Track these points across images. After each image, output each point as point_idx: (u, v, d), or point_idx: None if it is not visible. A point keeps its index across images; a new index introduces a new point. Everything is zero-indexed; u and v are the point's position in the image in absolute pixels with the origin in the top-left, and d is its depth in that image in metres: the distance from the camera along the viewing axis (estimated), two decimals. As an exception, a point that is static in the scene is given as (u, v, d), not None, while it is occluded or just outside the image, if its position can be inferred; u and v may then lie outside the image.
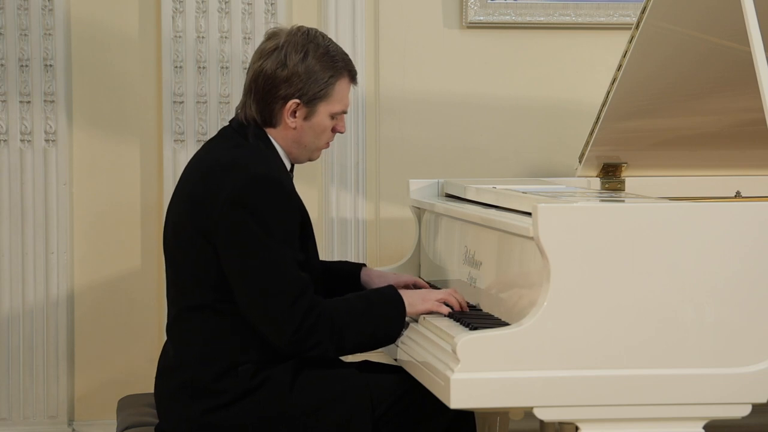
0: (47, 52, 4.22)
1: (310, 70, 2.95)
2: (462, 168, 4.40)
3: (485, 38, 4.44)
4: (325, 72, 2.97)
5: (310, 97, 2.96)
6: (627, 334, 2.61)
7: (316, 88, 2.96)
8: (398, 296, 2.93)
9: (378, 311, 2.90)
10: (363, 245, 4.37)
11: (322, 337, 2.81)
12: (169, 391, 2.95)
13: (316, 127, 3.00)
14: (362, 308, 2.88)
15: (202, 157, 3.02)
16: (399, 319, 2.92)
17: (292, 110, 2.97)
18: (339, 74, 2.99)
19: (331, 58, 2.99)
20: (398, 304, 2.92)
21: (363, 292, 3.02)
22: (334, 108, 3.00)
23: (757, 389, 2.64)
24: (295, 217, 2.89)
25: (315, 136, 3.01)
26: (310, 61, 2.95)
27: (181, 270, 2.94)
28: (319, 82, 2.96)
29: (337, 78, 2.99)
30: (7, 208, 4.25)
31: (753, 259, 2.65)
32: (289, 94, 2.95)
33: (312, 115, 2.98)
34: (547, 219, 2.61)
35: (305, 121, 2.98)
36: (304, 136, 3.00)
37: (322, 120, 2.99)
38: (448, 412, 2.74)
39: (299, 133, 2.99)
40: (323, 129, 3.01)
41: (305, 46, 2.96)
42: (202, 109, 4.27)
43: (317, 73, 2.96)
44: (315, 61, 2.96)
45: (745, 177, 3.84)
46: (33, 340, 4.25)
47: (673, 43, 3.41)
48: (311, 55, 2.96)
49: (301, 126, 2.99)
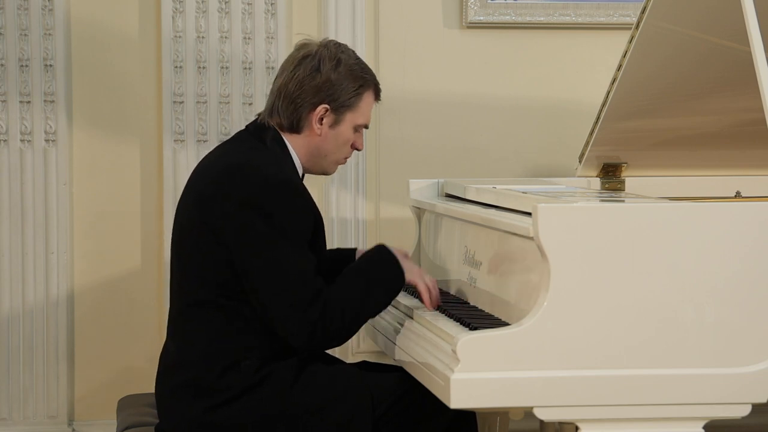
0: (47, 52, 4.22)
1: (342, 78, 3.01)
2: (462, 168, 4.40)
3: (485, 38, 4.43)
4: (355, 81, 3.03)
5: (339, 104, 3.01)
6: (627, 334, 2.61)
7: (346, 96, 3.02)
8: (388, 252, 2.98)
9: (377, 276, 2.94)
10: (363, 245, 4.36)
11: (338, 330, 2.85)
12: (170, 390, 2.95)
13: (339, 137, 3.05)
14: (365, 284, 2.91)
15: (215, 158, 3.04)
16: (399, 279, 2.96)
17: (320, 116, 3.01)
18: (367, 86, 3.06)
19: (362, 70, 3.06)
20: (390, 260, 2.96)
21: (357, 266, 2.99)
22: (358, 120, 3.06)
23: (757, 389, 2.64)
24: (308, 219, 2.91)
25: (336, 147, 3.06)
26: (342, 69, 3.01)
27: (187, 267, 2.95)
28: (349, 90, 3.02)
29: (365, 89, 3.05)
30: (7, 208, 4.24)
31: (753, 259, 2.65)
32: (320, 100, 3.00)
33: (338, 123, 3.03)
34: (547, 219, 2.61)
35: (330, 129, 3.03)
36: (326, 145, 3.04)
37: (346, 130, 3.05)
38: (448, 412, 2.74)
39: (323, 140, 3.03)
40: (345, 140, 3.06)
41: (337, 56, 3.02)
42: (202, 109, 4.27)
43: (348, 81, 3.02)
44: (347, 70, 3.02)
45: (745, 177, 3.84)
46: (33, 340, 4.25)
47: (673, 43, 3.41)
48: (343, 64, 3.02)
49: (326, 133, 3.03)
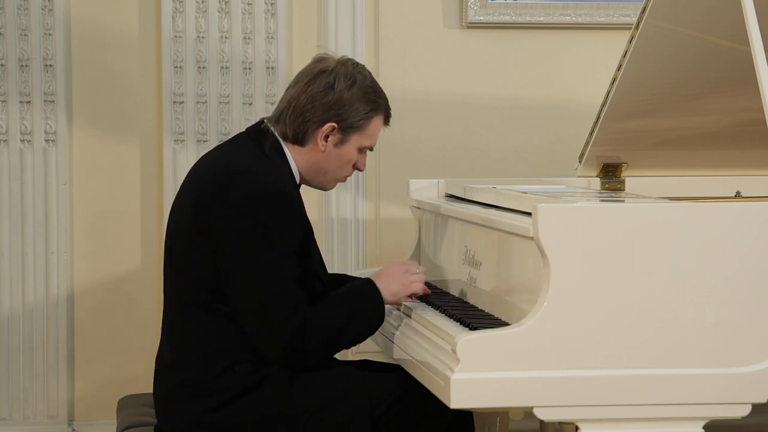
0: (47, 52, 4.22)
1: (354, 100, 2.99)
2: (462, 168, 4.40)
3: (485, 38, 4.43)
4: (367, 104, 3.01)
5: (348, 124, 3.00)
6: (627, 334, 2.61)
7: (355, 118, 3.00)
8: (375, 289, 2.95)
9: (359, 306, 2.92)
10: (363, 245, 4.37)
11: (312, 350, 2.84)
12: (168, 391, 2.95)
13: (343, 157, 3.03)
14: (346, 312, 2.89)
15: (213, 159, 3.03)
16: (381, 314, 2.95)
17: (326, 134, 2.99)
18: (378, 110, 3.04)
19: (375, 93, 3.03)
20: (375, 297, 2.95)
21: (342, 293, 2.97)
22: (364, 142, 3.04)
23: (757, 389, 2.64)
24: (299, 231, 2.90)
25: (338, 166, 3.04)
26: (356, 91, 2.99)
27: (182, 268, 2.94)
28: (359, 112, 3.00)
29: (376, 113, 3.03)
30: (7, 208, 4.24)
31: (753, 259, 2.65)
32: (328, 118, 2.98)
33: (344, 143, 3.01)
34: (547, 219, 2.61)
35: (335, 148, 3.01)
36: (328, 163, 3.03)
37: (350, 151, 3.03)
38: (448, 412, 2.74)
39: (326, 158, 3.02)
40: (348, 160, 3.04)
41: (353, 76, 3.00)
42: (202, 109, 4.27)
43: (360, 103, 3.00)
44: (360, 92, 3.00)
45: (745, 177, 3.84)
46: (33, 340, 4.25)
47: (673, 43, 3.41)
48: (358, 86, 3.00)
49: (329, 152, 3.01)
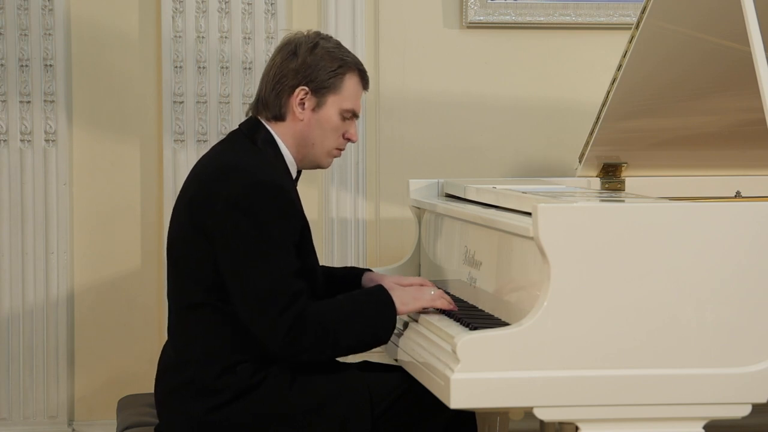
0: (47, 52, 4.22)
1: (319, 59, 2.98)
2: (462, 168, 4.40)
3: (485, 38, 4.43)
4: (333, 62, 2.99)
5: (317, 85, 2.98)
6: (627, 334, 2.61)
7: (324, 77, 2.97)
8: (388, 297, 2.91)
9: (368, 313, 2.88)
10: (363, 245, 4.37)
11: (312, 343, 2.81)
12: (169, 391, 2.95)
13: (324, 123, 3.00)
14: (351, 311, 2.86)
15: (208, 160, 3.03)
16: (389, 321, 2.89)
17: (300, 99, 2.98)
18: (348, 68, 3.01)
19: (342, 52, 3.02)
20: (388, 304, 2.90)
21: (353, 294, 2.99)
22: (343, 104, 3.00)
23: (757, 389, 2.64)
24: (294, 224, 2.89)
25: (322, 134, 3.01)
26: (319, 51, 2.99)
27: (182, 269, 2.95)
28: (326, 70, 2.98)
29: (345, 70, 3.00)
30: (7, 208, 4.24)
31: (753, 259, 2.65)
32: (297, 83, 2.97)
33: (321, 106, 2.99)
34: (547, 219, 2.61)
35: (313, 113, 2.99)
36: (312, 131, 3.00)
37: (330, 115, 3.00)
38: (448, 411, 2.74)
39: (307, 126, 2.99)
40: (332, 126, 3.01)
41: (315, 40, 3.00)
42: (202, 109, 4.27)
43: (325, 62, 2.98)
44: (324, 52, 2.99)
45: (745, 177, 3.84)
46: (33, 340, 4.25)
47: (673, 43, 3.41)
48: (320, 47, 2.99)
49: (309, 118, 2.99)
